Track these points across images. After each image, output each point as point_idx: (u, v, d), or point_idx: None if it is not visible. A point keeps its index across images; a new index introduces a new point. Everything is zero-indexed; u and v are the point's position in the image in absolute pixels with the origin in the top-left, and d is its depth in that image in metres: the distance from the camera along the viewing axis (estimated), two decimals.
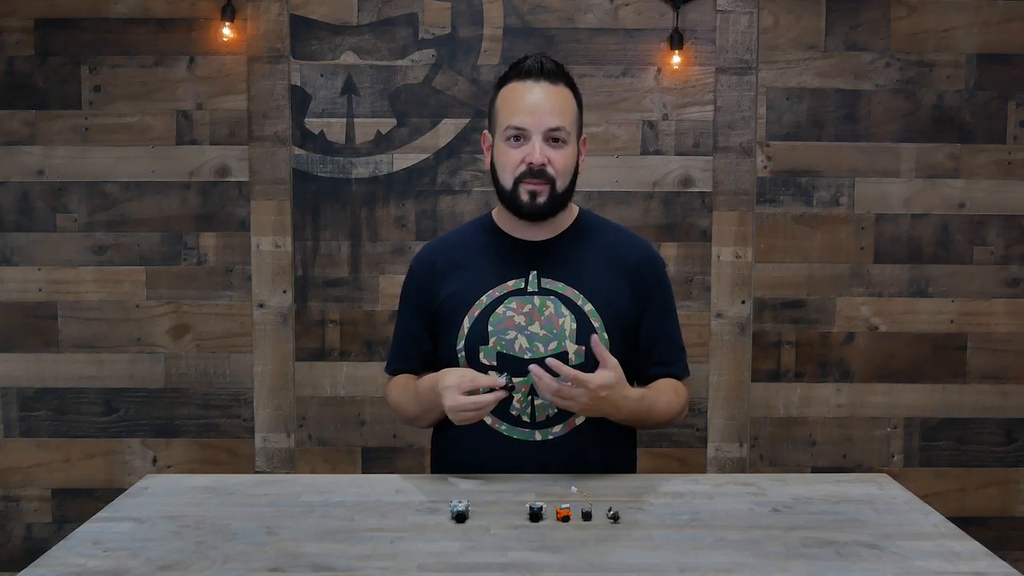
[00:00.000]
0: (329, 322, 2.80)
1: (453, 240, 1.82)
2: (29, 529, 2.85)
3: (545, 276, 1.69)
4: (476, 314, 1.68)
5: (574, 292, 1.68)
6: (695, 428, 2.81)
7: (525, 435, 1.66)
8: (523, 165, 1.64)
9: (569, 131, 1.66)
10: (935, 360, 2.82)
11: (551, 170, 1.64)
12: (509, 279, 1.70)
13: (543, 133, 1.63)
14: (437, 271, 1.75)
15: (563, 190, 1.67)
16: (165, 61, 2.75)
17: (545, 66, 1.65)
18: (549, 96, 1.64)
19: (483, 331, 1.67)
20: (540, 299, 1.68)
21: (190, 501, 1.50)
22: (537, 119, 1.63)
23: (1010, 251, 2.80)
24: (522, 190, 1.65)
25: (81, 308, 2.79)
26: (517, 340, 1.66)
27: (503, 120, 1.66)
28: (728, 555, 1.27)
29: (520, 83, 1.66)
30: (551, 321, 1.66)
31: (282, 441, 2.80)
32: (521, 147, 1.64)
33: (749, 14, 2.72)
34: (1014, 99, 2.77)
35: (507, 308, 1.67)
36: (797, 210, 2.78)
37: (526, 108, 1.63)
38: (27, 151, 2.76)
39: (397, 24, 2.74)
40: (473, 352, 1.68)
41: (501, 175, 1.68)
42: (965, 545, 1.32)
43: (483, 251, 1.75)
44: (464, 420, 1.56)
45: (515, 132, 1.64)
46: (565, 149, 1.66)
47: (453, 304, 1.71)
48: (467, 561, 1.25)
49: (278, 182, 2.76)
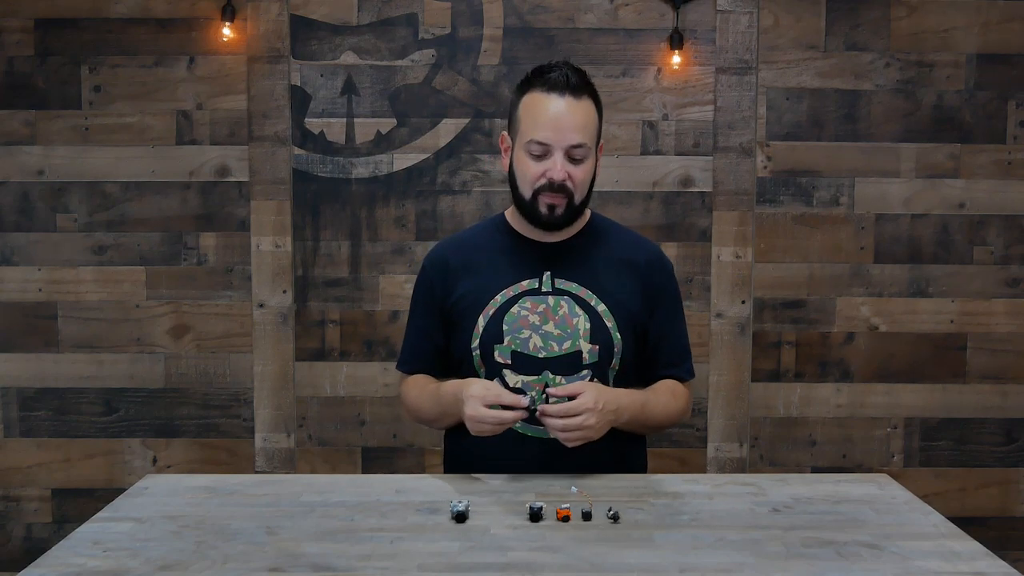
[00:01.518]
0: (329, 322, 2.80)
1: (466, 239, 1.83)
2: (29, 529, 2.84)
3: (559, 277, 1.71)
4: (491, 313, 1.70)
5: (587, 292, 1.70)
6: (695, 428, 2.81)
7: (540, 432, 1.66)
8: (543, 179, 1.65)
9: (590, 147, 1.67)
10: (935, 360, 2.82)
11: (570, 185, 1.66)
12: (523, 279, 1.72)
13: (565, 149, 1.64)
14: (451, 270, 1.76)
15: (580, 202, 1.70)
16: (165, 61, 2.75)
17: (571, 80, 1.64)
18: (573, 111, 1.64)
19: (498, 330, 1.69)
20: (554, 299, 1.70)
21: (190, 501, 1.50)
22: (560, 135, 1.63)
23: (1010, 251, 2.80)
24: (541, 202, 1.67)
25: (81, 308, 2.79)
26: (532, 339, 1.68)
27: (526, 131, 1.66)
28: (728, 555, 1.27)
29: (545, 95, 1.65)
30: (565, 320, 1.68)
31: (282, 441, 2.80)
32: (542, 161, 1.65)
33: (749, 14, 2.72)
34: (1014, 99, 2.77)
35: (521, 307, 1.69)
36: (797, 210, 2.78)
37: (549, 123, 1.63)
38: (27, 151, 2.76)
39: (397, 24, 2.74)
40: (488, 351, 1.69)
41: (520, 185, 1.69)
42: (965, 545, 1.32)
43: (497, 251, 1.77)
44: (480, 432, 1.57)
45: (539, 148, 1.65)
46: (585, 164, 1.67)
47: (468, 303, 1.73)
48: (467, 561, 1.25)
49: (278, 182, 2.76)
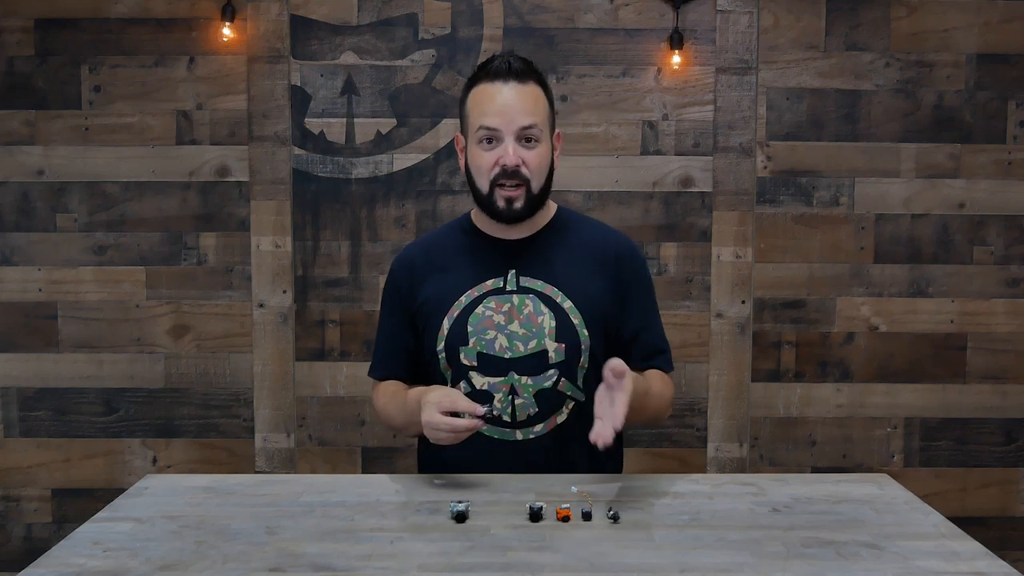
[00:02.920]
0: (329, 322, 2.80)
1: (431, 241, 1.81)
2: (29, 529, 2.84)
3: (524, 275, 1.69)
4: (455, 315, 1.68)
5: (553, 290, 1.68)
6: (695, 428, 2.81)
7: (506, 435, 1.66)
8: (497, 167, 1.63)
9: (542, 128, 1.65)
10: (935, 360, 2.82)
11: (525, 171, 1.63)
12: (488, 279, 1.69)
13: (515, 133, 1.62)
14: (416, 272, 1.75)
15: (539, 190, 1.67)
16: (165, 61, 2.75)
17: (513, 65, 1.64)
18: (519, 95, 1.63)
19: (463, 332, 1.67)
20: (519, 298, 1.67)
21: (190, 501, 1.50)
22: (508, 119, 1.62)
23: (1010, 251, 2.80)
24: (498, 196, 1.64)
25: (81, 308, 2.79)
26: (497, 340, 1.65)
27: (474, 122, 1.65)
28: (728, 555, 1.27)
29: (489, 84, 1.64)
30: (530, 320, 1.66)
31: (282, 441, 2.80)
32: (494, 149, 1.64)
33: (749, 14, 2.72)
34: (1014, 99, 2.77)
35: (486, 308, 1.67)
36: (797, 210, 2.78)
37: (496, 109, 1.62)
38: (27, 151, 2.76)
39: (397, 24, 2.74)
40: (453, 353, 1.67)
41: (476, 178, 1.67)
42: (965, 545, 1.32)
43: (461, 251, 1.75)
44: (437, 439, 1.53)
45: (487, 134, 1.63)
46: (539, 148, 1.65)
47: (432, 306, 1.71)
48: (467, 561, 1.25)
49: (278, 182, 2.76)
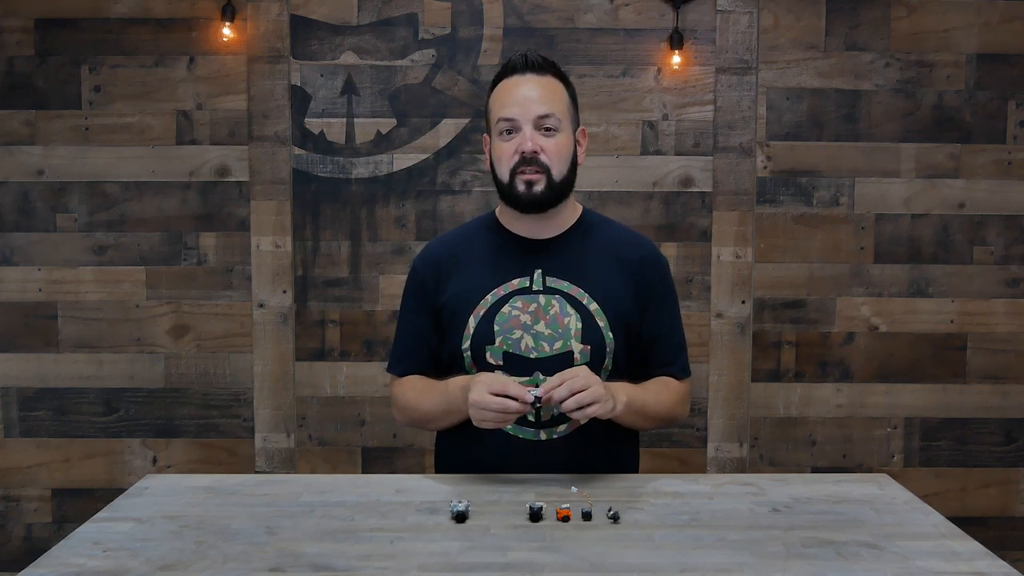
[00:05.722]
0: (329, 322, 2.80)
1: (456, 238, 1.80)
2: (29, 529, 2.84)
3: (550, 275, 1.69)
4: (481, 313, 1.67)
5: (579, 291, 1.68)
6: (695, 428, 2.81)
7: (530, 434, 1.65)
8: (516, 155, 1.64)
9: (560, 118, 1.66)
10: (935, 360, 2.82)
11: (544, 158, 1.64)
12: (514, 278, 1.69)
13: (533, 121, 1.64)
14: (441, 269, 1.74)
15: (561, 179, 1.66)
16: (165, 61, 2.75)
17: (530, 58, 1.67)
18: (536, 86, 1.66)
19: (489, 330, 1.66)
20: (545, 298, 1.67)
21: (190, 501, 1.50)
22: (525, 108, 1.64)
23: (1010, 251, 2.80)
24: (518, 181, 1.65)
25: (81, 308, 2.79)
26: (523, 339, 1.65)
27: (495, 115, 1.68)
28: (728, 555, 1.27)
29: (508, 79, 1.68)
30: (556, 320, 1.65)
31: (282, 441, 2.80)
32: (513, 139, 1.65)
33: (749, 14, 2.72)
34: (1014, 99, 2.77)
35: (512, 307, 1.66)
36: (797, 210, 2.78)
37: (514, 100, 1.65)
38: (27, 151, 2.76)
39: (397, 24, 2.74)
40: (479, 352, 1.66)
41: (498, 169, 1.68)
42: (965, 545, 1.32)
43: (487, 249, 1.74)
44: (483, 420, 1.52)
45: (507, 125, 1.65)
46: (558, 137, 1.65)
47: (458, 303, 1.70)
48: (467, 561, 1.25)
49: (278, 182, 2.76)
